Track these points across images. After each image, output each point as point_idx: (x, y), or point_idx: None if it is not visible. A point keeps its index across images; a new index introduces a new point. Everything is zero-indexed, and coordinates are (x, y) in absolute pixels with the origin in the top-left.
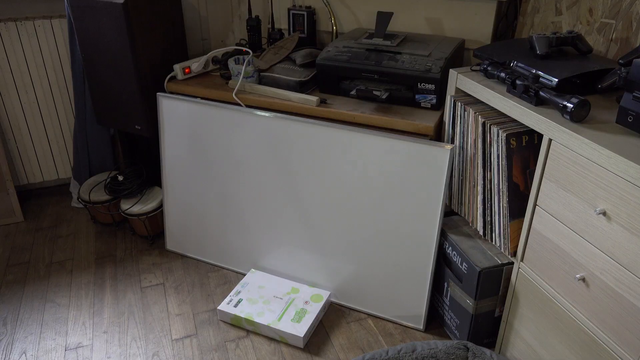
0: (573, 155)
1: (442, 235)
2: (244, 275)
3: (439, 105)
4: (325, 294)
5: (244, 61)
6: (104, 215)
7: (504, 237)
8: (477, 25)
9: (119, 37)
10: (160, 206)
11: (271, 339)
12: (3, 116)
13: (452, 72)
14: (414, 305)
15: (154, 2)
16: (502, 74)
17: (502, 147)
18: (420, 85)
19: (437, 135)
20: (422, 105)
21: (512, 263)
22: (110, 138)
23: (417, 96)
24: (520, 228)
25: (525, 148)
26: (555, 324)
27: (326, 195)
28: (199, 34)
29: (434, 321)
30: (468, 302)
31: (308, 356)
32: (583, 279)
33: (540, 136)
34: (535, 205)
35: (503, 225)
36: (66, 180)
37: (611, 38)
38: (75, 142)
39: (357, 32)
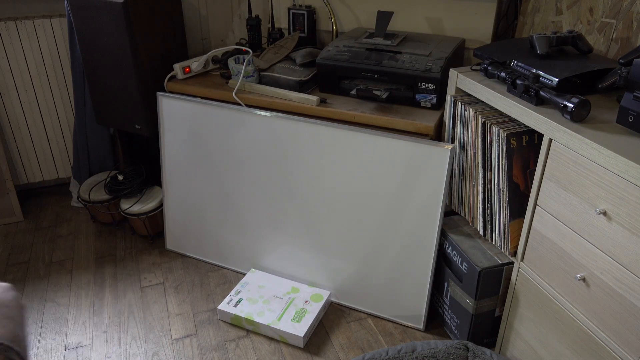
0: (573, 155)
1: (442, 235)
2: (244, 275)
3: (439, 105)
4: (325, 294)
5: (244, 60)
6: (104, 214)
7: (504, 237)
8: (478, 24)
9: (119, 37)
10: (160, 206)
11: (271, 339)
12: (3, 116)
13: (453, 72)
14: (414, 305)
15: (154, 1)
16: (503, 74)
17: (502, 146)
18: (420, 84)
19: (437, 135)
20: (422, 105)
21: (512, 263)
22: (110, 138)
23: (417, 96)
24: (521, 228)
25: (525, 148)
26: (555, 324)
27: (326, 195)
28: (199, 34)
29: (434, 321)
30: (468, 302)
31: (308, 356)
32: (583, 279)
33: (541, 136)
34: (535, 205)
35: (503, 225)
36: (66, 179)
37: (612, 37)
38: (75, 141)
39: (357, 31)
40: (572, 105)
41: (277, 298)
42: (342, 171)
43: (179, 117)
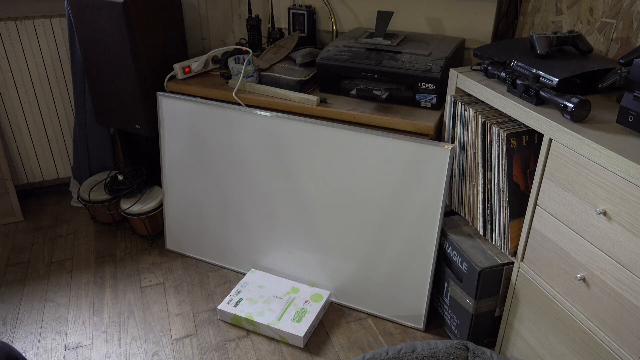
0: (573, 155)
1: (442, 235)
2: (244, 274)
3: (439, 105)
4: (325, 294)
5: (244, 60)
6: (104, 214)
7: (504, 237)
8: (478, 24)
9: (119, 37)
10: (160, 206)
11: (271, 339)
12: (3, 116)
13: (453, 72)
14: (414, 305)
15: (154, 1)
16: (503, 74)
17: (502, 146)
18: (420, 84)
19: (437, 135)
20: (422, 104)
21: (512, 263)
22: (110, 137)
23: (417, 96)
24: (521, 228)
25: (525, 148)
26: (555, 323)
27: (326, 195)
28: (199, 34)
29: (434, 321)
30: (468, 302)
31: (308, 356)
32: (583, 279)
33: (541, 136)
34: (535, 205)
35: (503, 225)
36: (66, 179)
37: (612, 37)
38: (75, 141)
39: (357, 31)
40: (572, 105)
41: (277, 298)
42: (342, 171)
43: (179, 117)
